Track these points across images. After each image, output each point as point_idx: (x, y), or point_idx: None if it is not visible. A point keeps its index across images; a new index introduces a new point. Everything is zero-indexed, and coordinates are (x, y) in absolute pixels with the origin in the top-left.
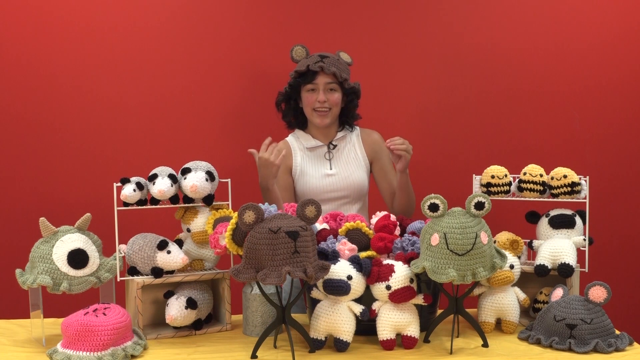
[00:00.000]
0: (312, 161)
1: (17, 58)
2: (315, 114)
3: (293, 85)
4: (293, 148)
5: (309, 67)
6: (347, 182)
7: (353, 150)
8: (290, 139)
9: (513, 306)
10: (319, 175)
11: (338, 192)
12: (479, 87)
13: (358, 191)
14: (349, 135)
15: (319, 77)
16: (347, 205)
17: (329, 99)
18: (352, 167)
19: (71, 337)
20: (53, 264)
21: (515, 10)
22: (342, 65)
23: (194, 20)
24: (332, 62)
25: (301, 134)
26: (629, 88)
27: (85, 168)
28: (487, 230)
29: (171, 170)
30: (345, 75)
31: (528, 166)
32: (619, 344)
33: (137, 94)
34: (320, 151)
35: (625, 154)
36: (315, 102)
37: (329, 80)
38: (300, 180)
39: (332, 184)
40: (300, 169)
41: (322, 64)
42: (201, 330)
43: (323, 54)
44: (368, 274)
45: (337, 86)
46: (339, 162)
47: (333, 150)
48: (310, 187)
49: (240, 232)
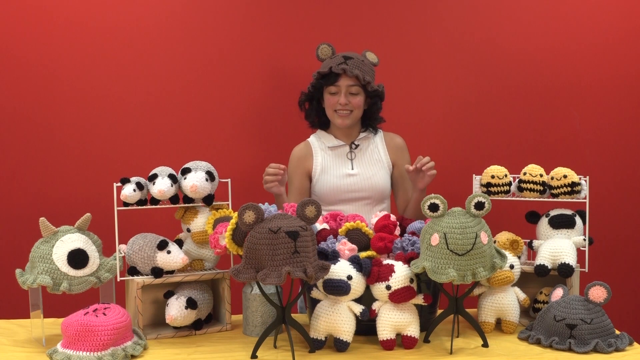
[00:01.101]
0: (333, 160)
1: (17, 58)
2: (336, 115)
3: (316, 86)
4: (314, 148)
5: (332, 69)
6: (369, 183)
7: (376, 152)
8: (312, 139)
9: (513, 306)
10: (340, 174)
11: (359, 193)
12: (479, 87)
13: (380, 192)
14: (372, 137)
15: (341, 79)
16: (368, 206)
17: (350, 102)
18: (375, 169)
19: (71, 337)
20: (53, 264)
21: (515, 10)
22: (367, 67)
23: (192, 20)
24: (355, 64)
25: (323, 134)
26: (629, 88)
27: (85, 168)
28: (487, 230)
29: (171, 170)
30: (369, 78)
31: (528, 166)
32: (619, 344)
33: (137, 94)
34: (342, 150)
35: (625, 154)
36: (336, 104)
37: (352, 83)
38: (321, 178)
39: (353, 184)
40: (322, 167)
41: (345, 66)
42: (201, 330)
43: (348, 54)
44: (368, 274)
45: (359, 89)
46: (362, 162)
47: (355, 150)
48: (330, 186)
49: (240, 232)
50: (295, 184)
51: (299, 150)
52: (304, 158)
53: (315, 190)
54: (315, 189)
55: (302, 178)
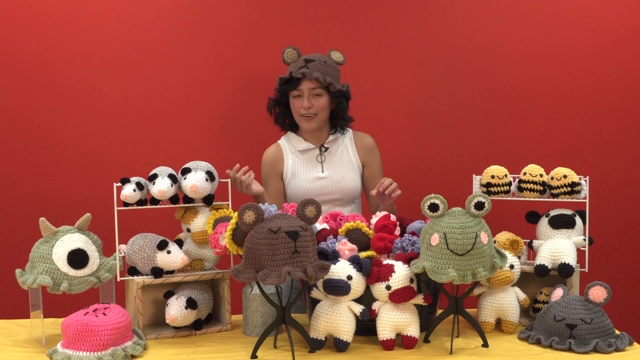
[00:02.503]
0: (303, 164)
1: (17, 58)
2: (302, 119)
3: (281, 91)
4: (285, 151)
5: (292, 74)
6: (339, 186)
7: (346, 153)
8: (282, 141)
9: (513, 306)
10: (311, 178)
11: (330, 195)
12: (479, 87)
13: (350, 194)
14: (341, 138)
15: (302, 83)
16: (339, 207)
17: (314, 105)
18: (345, 171)
19: (71, 337)
20: (53, 264)
21: (515, 10)
22: (329, 67)
23: (192, 21)
24: (316, 66)
25: (293, 136)
26: (629, 88)
27: (85, 168)
28: (487, 230)
29: (171, 170)
30: (330, 79)
31: (528, 166)
32: (619, 344)
33: (137, 94)
34: (312, 154)
35: (625, 154)
36: (301, 108)
37: (313, 86)
38: (292, 182)
39: (323, 187)
40: (292, 171)
41: (305, 70)
42: (201, 330)
43: (309, 57)
44: (368, 274)
45: (322, 91)
46: (331, 165)
47: (325, 153)
48: (301, 190)
49: (240, 232)
50: (271, 187)
51: (271, 153)
52: (276, 161)
53: (287, 192)
54: (287, 191)
55: (277, 180)
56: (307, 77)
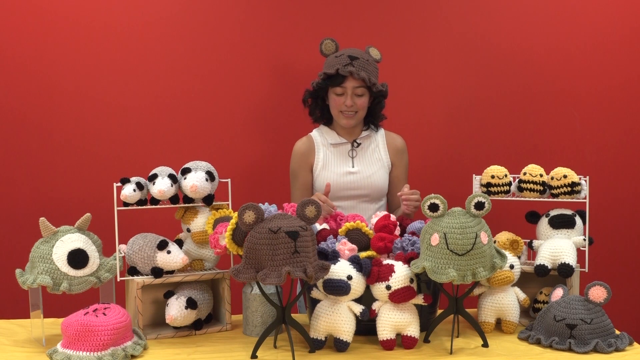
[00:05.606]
0: (335, 157)
1: (17, 58)
2: (341, 115)
3: (321, 85)
4: (317, 143)
5: (339, 71)
6: (368, 182)
7: (377, 151)
8: (314, 133)
9: (513, 306)
10: (341, 172)
11: (359, 190)
12: (479, 87)
13: (379, 191)
14: (374, 136)
15: (347, 81)
16: (365, 203)
17: (356, 103)
18: (375, 167)
19: (71, 337)
20: (53, 264)
21: (515, 10)
22: (372, 66)
23: (191, 19)
24: (361, 65)
25: (326, 129)
26: (629, 88)
27: (85, 168)
28: (487, 230)
29: (171, 170)
30: (374, 79)
31: (528, 166)
32: (619, 344)
33: (137, 94)
34: (344, 148)
35: (625, 154)
36: (342, 105)
37: (357, 85)
38: (322, 175)
39: (353, 181)
40: (323, 163)
41: (352, 68)
42: (201, 330)
43: (353, 54)
44: (368, 274)
45: (365, 90)
46: (362, 161)
47: (357, 149)
48: (330, 183)
49: (240, 232)
50: (300, 180)
51: (302, 144)
52: (307, 153)
53: (315, 185)
54: (315, 183)
55: (307, 173)
56: (354, 76)
